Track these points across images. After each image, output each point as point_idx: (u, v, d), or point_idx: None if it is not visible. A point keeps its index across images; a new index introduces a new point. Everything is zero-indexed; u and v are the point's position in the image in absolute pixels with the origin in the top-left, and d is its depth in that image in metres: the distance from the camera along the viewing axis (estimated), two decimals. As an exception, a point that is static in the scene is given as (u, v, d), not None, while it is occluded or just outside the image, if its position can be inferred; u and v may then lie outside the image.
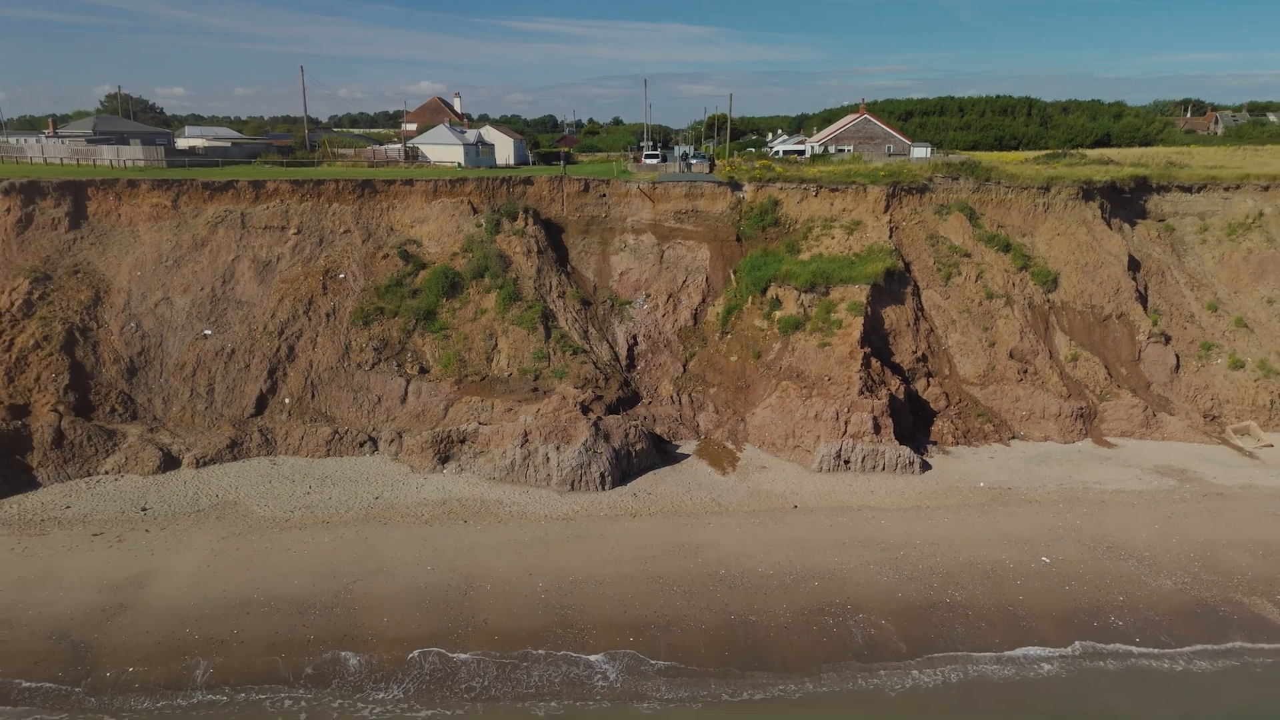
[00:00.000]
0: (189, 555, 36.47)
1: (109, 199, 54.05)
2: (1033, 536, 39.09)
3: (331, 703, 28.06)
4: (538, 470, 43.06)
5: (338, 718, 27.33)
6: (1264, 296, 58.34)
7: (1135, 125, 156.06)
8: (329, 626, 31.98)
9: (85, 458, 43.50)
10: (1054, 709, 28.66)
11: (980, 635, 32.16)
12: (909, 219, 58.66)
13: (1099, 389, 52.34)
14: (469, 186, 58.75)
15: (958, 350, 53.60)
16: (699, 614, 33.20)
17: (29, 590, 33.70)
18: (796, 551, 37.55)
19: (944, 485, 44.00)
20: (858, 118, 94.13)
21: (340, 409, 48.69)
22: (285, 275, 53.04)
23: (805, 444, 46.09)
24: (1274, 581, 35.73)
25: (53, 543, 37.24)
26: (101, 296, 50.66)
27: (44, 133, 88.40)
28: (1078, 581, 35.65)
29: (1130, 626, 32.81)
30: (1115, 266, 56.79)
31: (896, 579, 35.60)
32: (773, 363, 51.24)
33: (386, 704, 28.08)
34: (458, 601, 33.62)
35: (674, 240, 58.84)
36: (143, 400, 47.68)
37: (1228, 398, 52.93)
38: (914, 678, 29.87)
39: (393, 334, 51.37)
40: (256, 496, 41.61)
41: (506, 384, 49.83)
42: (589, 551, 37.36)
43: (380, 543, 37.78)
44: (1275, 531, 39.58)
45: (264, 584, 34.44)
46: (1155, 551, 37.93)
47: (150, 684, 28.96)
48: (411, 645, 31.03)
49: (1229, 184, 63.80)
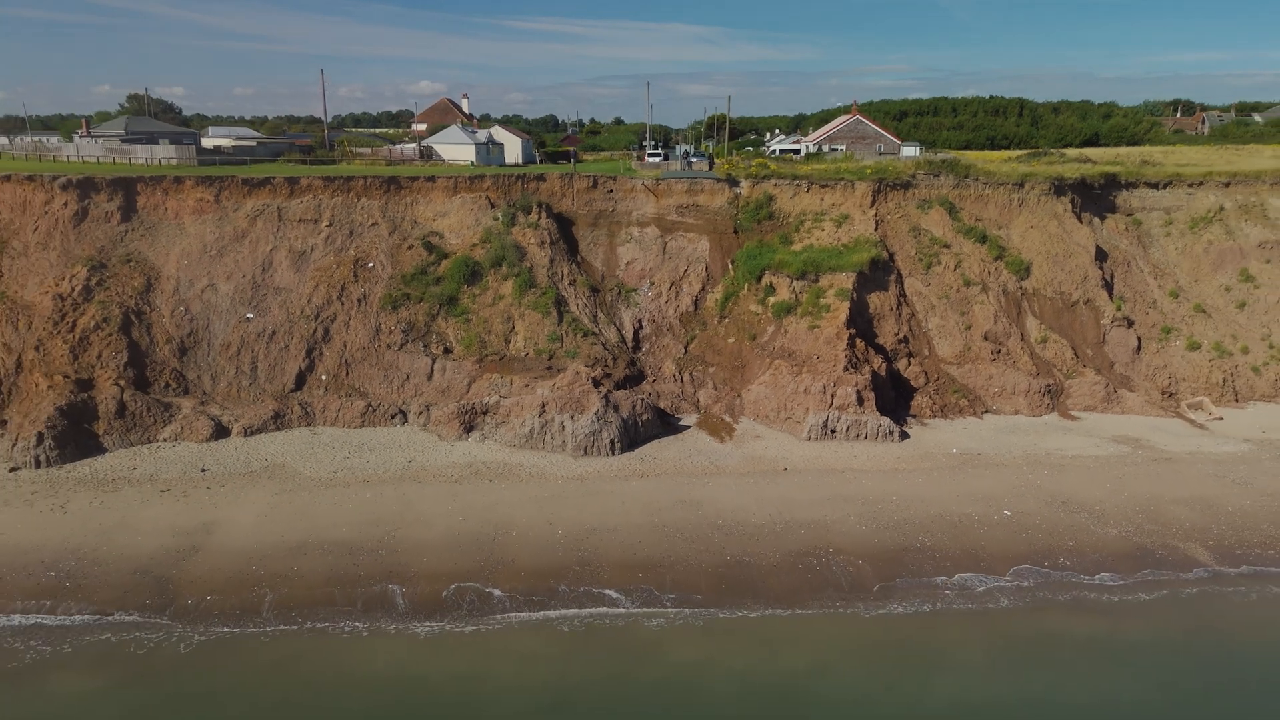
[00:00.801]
0: (248, 507, 41.20)
1: (157, 194, 58.72)
2: (997, 494, 43.82)
3: (388, 626, 32.73)
4: (554, 437, 47.79)
5: (395, 635, 32.01)
6: (1222, 284, 63.07)
7: (1123, 125, 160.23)
8: (376, 565, 36.67)
9: (145, 426, 48.23)
10: (1007, 630, 33.31)
11: (945, 573, 36.86)
12: (893, 213, 63.35)
13: (1066, 368, 57.08)
14: (486, 183, 63.45)
15: (936, 332, 58.32)
16: (699, 556, 37.91)
17: (111, 536, 38.41)
18: (785, 506, 42.28)
19: (920, 451, 48.76)
20: (850, 118, 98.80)
21: (372, 385, 53.38)
22: (319, 264, 57.71)
23: (795, 415, 50.82)
24: (1208, 530, 40.47)
25: (125, 498, 41.95)
26: (152, 283, 55.35)
27: (77, 133, 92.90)
28: (1034, 530, 40.38)
29: (1077, 565, 37.55)
30: (1083, 257, 61.49)
31: (873, 528, 40.32)
32: (767, 344, 55.95)
33: (434, 624, 32.75)
34: (488, 545, 38.31)
35: (676, 232, 63.53)
36: (193, 376, 52.39)
37: (1184, 376, 57.66)
38: (886, 605, 34.59)
39: (419, 318, 56.04)
40: (302, 460, 46.35)
41: (523, 363, 54.52)
42: (602, 506, 42.07)
43: (416, 498, 42.50)
44: (1213, 490, 44.32)
45: (316, 531, 39.16)
46: (1105, 506, 42.66)
47: (225, 611, 33.62)
48: (450, 580, 35.72)
49: (1193, 181, 68.54)
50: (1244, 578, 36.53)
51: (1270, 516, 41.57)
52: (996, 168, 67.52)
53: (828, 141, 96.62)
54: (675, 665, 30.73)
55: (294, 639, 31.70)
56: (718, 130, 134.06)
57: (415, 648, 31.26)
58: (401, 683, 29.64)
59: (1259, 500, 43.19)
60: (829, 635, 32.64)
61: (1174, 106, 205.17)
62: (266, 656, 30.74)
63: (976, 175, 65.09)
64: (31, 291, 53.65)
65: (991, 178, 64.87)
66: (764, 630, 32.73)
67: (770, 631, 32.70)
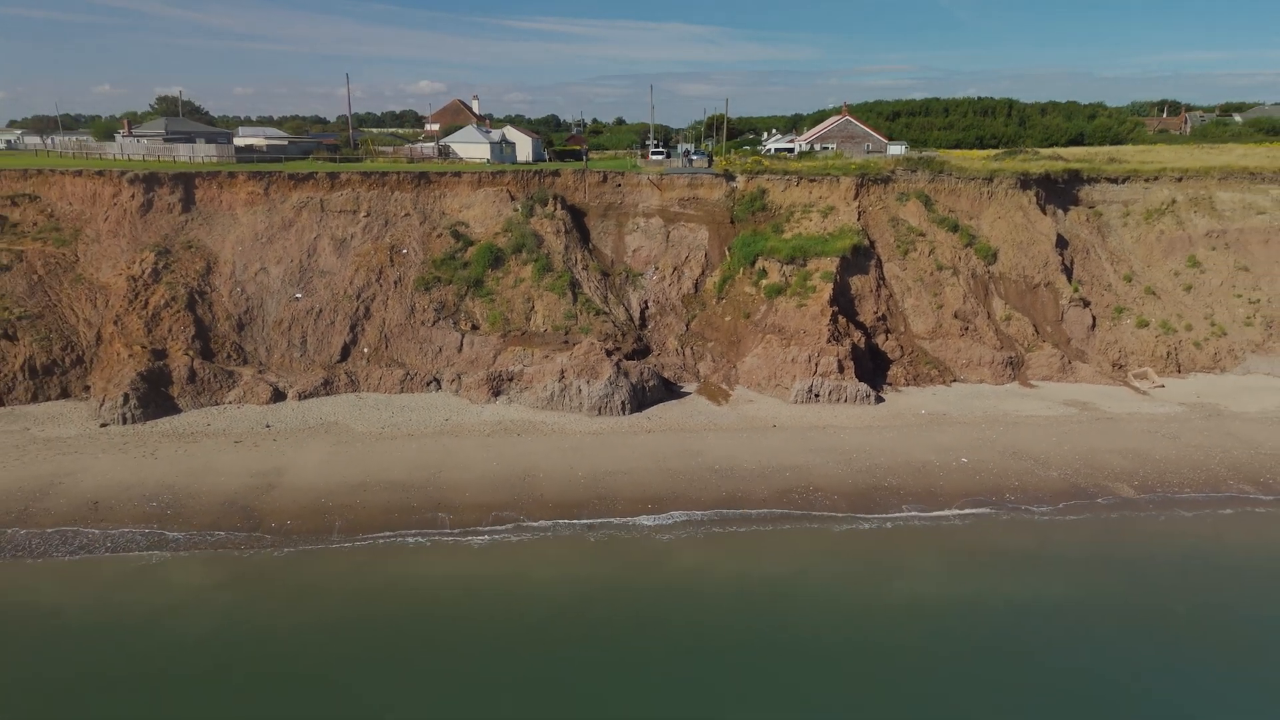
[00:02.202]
0: (311, 455, 47.91)
1: (212, 188, 65.41)
2: (957, 445, 50.53)
3: (444, 539, 39.46)
4: (572, 399, 54.51)
5: (453, 544, 38.76)
6: (1171, 270, 69.79)
7: (1107, 125, 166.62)
8: (425, 499, 43.36)
9: (213, 390, 54.96)
10: (953, 541, 40.02)
11: (906, 503, 43.57)
12: (874, 204, 70.04)
13: (1027, 343, 63.80)
14: (507, 178, 70.16)
15: (911, 311, 65.02)
16: (699, 493, 44.60)
17: (198, 476, 45.11)
18: (773, 455, 48.98)
19: (893, 412, 55.50)
20: (840, 119, 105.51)
21: (409, 356, 60.09)
22: (358, 250, 64.40)
23: (784, 382, 57.55)
24: (1135, 473, 47.18)
25: (205, 448, 48.67)
26: (211, 267, 62.05)
27: (120, 132, 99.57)
28: (986, 473, 47.10)
29: (1020, 499, 44.27)
30: (1045, 244, 68.20)
31: (848, 471, 47.03)
32: (759, 321, 62.65)
33: (483, 537, 39.47)
34: (519, 484, 45.01)
35: (678, 222, 70.22)
36: (251, 349, 59.10)
37: (1133, 350, 64.37)
38: (854, 524, 41.32)
39: (448, 298, 62.72)
40: (352, 418, 53.08)
41: (542, 337, 61.22)
42: (615, 454, 48.75)
43: (454, 448, 49.21)
44: (1145, 443, 51.05)
45: (372, 473, 45.86)
46: (1049, 455, 49.38)
47: (304, 532, 40.28)
48: (489, 510, 42.40)
49: (1149, 176, 75.28)
50: (1154, 504, 43.40)
51: (1190, 462, 48.33)
52: (968, 164, 74.21)
53: (819, 141, 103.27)
54: (680, 568, 37.45)
55: (366, 550, 38.45)
56: (717, 130, 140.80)
57: (469, 554, 38.03)
58: (459, 579, 36.34)
59: (1183, 450, 49.94)
60: (806, 546, 39.39)
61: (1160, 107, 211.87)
62: (345, 561, 37.49)
63: (950, 171, 71.78)
64: (106, 274, 60.38)
65: (963, 173, 71.56)
66: (752, 542, 39.50)
67: (758, 543, 39.46)
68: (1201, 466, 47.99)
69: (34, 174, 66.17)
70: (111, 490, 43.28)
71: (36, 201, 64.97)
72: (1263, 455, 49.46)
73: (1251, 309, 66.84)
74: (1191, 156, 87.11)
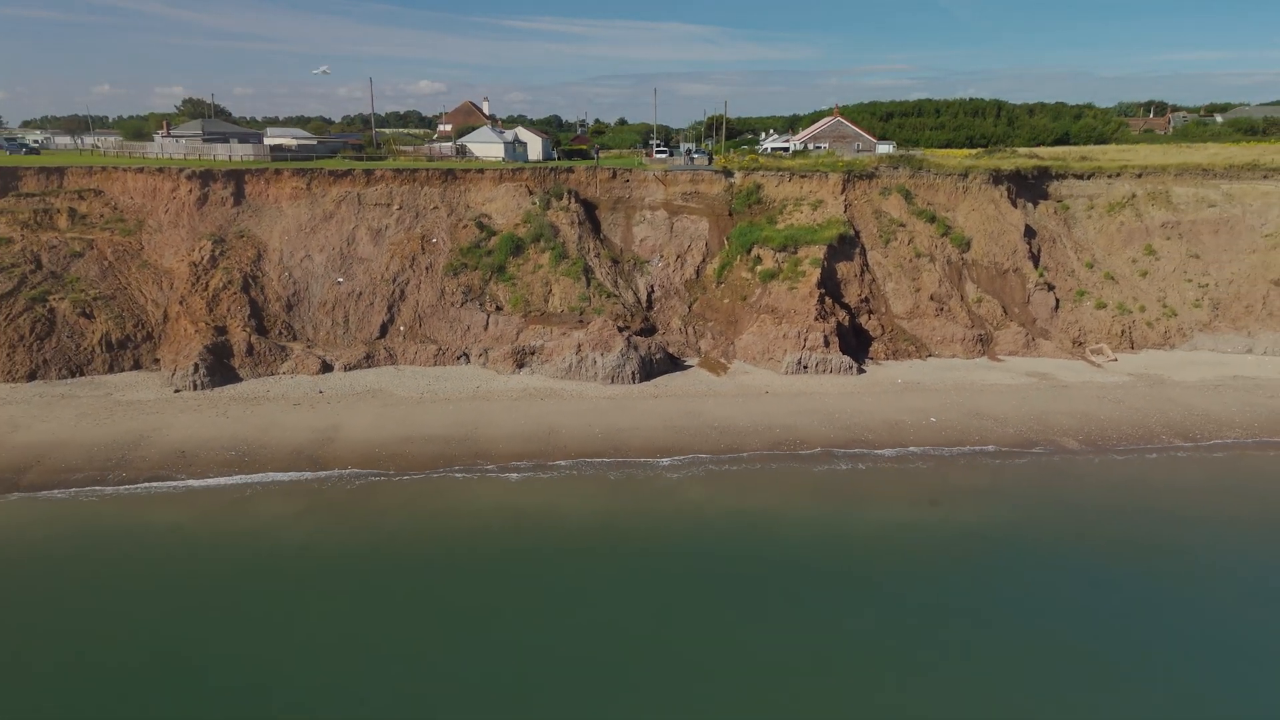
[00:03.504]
0: (362, 416, 54.87)
1: (260, 183, 72.34)
2: (928, 408, 57.49)
3: (486, 475, 46.45)
4: (588, 369, 61.47)
5: (494, 479, 45.76)
6: (1129, 257, 76.79)
7: (1092, 125, 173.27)
8: (465, 449, 50.30)
9: (269, 363, 61.92)
10: (915, 477, 46.99)
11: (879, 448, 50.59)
12: (860, 198, 77.00)
13: (996, 322, 70.78)
14: (525, 174, 77.11)
15: (892, 294, 72.00)
16: (701, 445, 51.51)
17: (266, 431, 52.06)
18: (766, 415, 55.94)
19: (872, 381, 62.50)
20: (832, 120, 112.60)
21: (440, 334, 67.04)
22: (393, 239, 71.34)
23: (776, 356, 64.52)
24: (1080, 429, 54.14)
25: (268, 410, 55.62)
26: (261, 254, 68.99)
27: (159, 133, 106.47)
28: (950, 430, 54.06)
29: (977, 447, 51.22)
30: (1014, 234, 75.16)
31: (831, 428, 54.00)
32: (754, 302, 69.60)
33: (519, 474, 46.47)
34: (545, 438, 51.95)
35: (681, 215, 77.17)
36: (299, 327, 66.06)
37: (1092, 329, 71.37)
38: (832, 465, 48.31)
39: (475, 282, 69.65)
40: (394, 386, 60.04)
41: (559, 317, 68.16)
42: (627, 415, 55.70)
43: (486, 410, 56.16)
44: (1093, 406, 58.02)
45: (416, 429, 52.81)
46: (1008, 415, 56.36)
47: (362, 473, 47.25)
48: (521, 457, 49.35)
49: (1112, 172, 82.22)
50: (1092, 452, 50.39)
51: (1128, 421, 55.34)
52: (945, 161, 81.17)
53: (813, 140, 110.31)
54: (686, 497, 44.47)
55: (421, 483, 45.50)
56: (716, 130, 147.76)
57: (507, 487, 45.11)
58: (500, 505, 43.29)
59: (1125, 412, 56.93)
60: (791, 481, 46.42)
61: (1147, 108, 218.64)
62: (405, 492, 44.52)
63: (928, 168, 78.74)
64: (169, 260, 67.35)
65: (941, 170, 78.52)
66: (747, 478, 46.56)
67: (751, 479, 46.52)
68: (1138, 424, 55.01)
69: (98, 171, 73.14)
70: (194, 442, 50.24)
71: (101, 196, 71.93)
72: (1194, 415, 56.46)
73: (1200, 292, 73.83)
74: (1153, 155, 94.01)
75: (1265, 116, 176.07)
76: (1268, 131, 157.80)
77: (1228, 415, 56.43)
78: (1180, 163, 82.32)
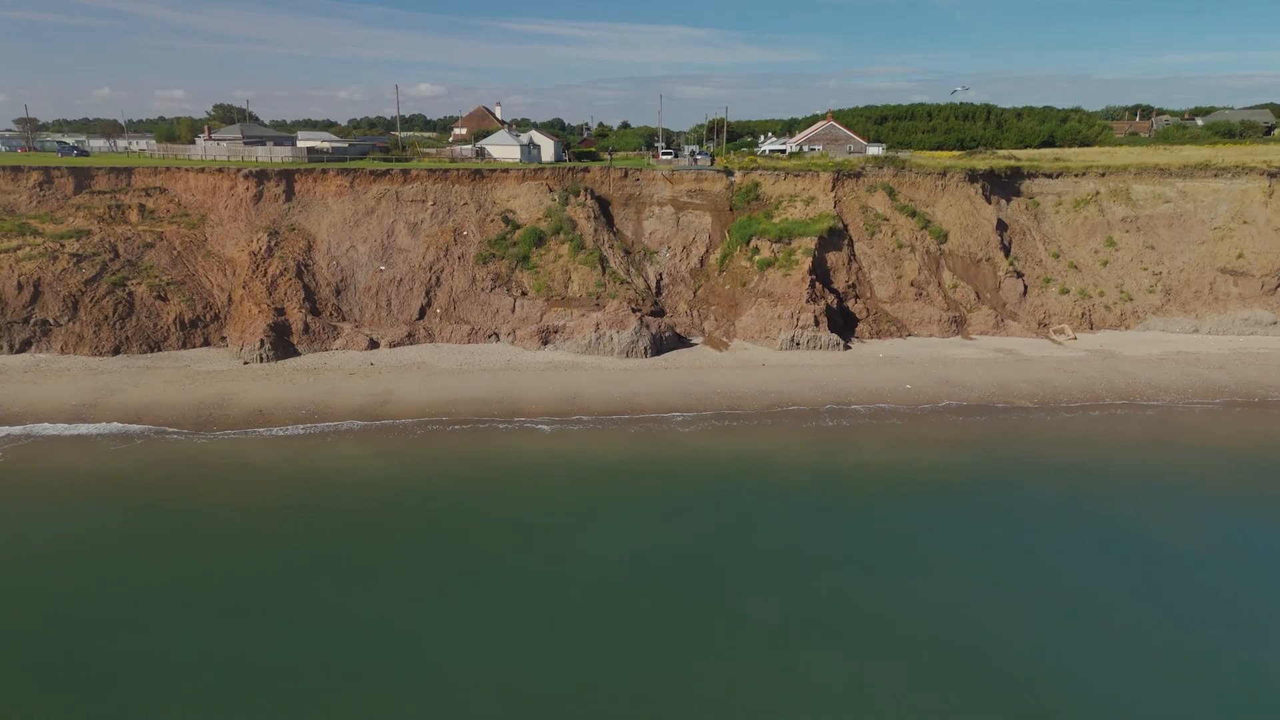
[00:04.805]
0: (410, 383, 62.91)
1: (308, 181, 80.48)
2: (904, 377, 65.55)
3: (523, 427, 54.51)
4: (606, 345, 69.54)
5: (530, 430, 53.82)
6: (1092, 248, 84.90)
7: (1077, 129, 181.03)
8: (503, 408, 58.34)
9: (323, 340, 70.02)
10: (892, 430, 55.03)
11: (856, 404, 58.68)
12: (848, 195, 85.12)
13: (969, 306, 78.88)
14: (546, 173, 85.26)
15: (876, 280, 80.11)
16: (706, 405, 59.56)
17: (329, 395, 60.10)
18: (762, 383, 64.00)
19: (857, 355, 70.58)
20: (825, 124, 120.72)
21: (472, 316, 75.12)
22: (428, 232, 79.43)
23: (771, 334, 72.60)
24: (1035, 394, 62.19)
25: (329, 378, 63.68)
26: (311, 245, 77.10)
27: (200, 137, 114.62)
28: (922, 396, 62.12)
29: (947, 408, 59.27)
30: (987, 227, 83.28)
31: (819, 393, 62.05)
32: (753, 288, 77.68)
33: (552, 426, 54.53)
34: (570, 400, 60.02)
35: (686, 210, 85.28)
36: (347, 309, 74.14)
37: (1056, 312, 79.46)
38: (819, 421, 56.37)
39: (502, 270, 77.73)
40: (434, 360, 68.12)
41: (579, 301, 76.23)
42: (641, 383, 63.74)
43: (518, 379, 64.23)
44: (1050, 375, 66.08)
45: (460, 393, 60.87)
46: (974, 383, 64.43)
47: (421, 422, 55.25)
48: (552, 414, 57.41)
49: (1078, 171, 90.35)
50: (1044, 410, 58.52)
51: (1079, 387, 63.42)
52: (926, 161, 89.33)
53: (807, 143, 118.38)
54: (695, 445, 52.50)
55: (469, 432, 53.63)
56: (717, 133, 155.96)
57: (541, 436, 53.20)
58: (537, 450, 51.34)
59: (1077, 380, 65.02)
60: (784, 433, 54.50)
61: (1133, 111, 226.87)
62: (456, 439, 52.61)
63: (911, 168, 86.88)
64: (230, 250, 75.47)
65: (921, 169, 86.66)
66: (746, 431, 54.63)
67: (750, 431, 54.57)
68: (1088, 390, 63.10)
69: (162, 171, 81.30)
70: (269, 403, 58.32)
71: (165, 193, 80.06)
72: (1137, 383, 64.56)
73: (1155, 279, 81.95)
74: (1116, 156, 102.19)
75: (1243, 120, 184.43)
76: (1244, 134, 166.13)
77: (1166, 382, 64.55)
78: (1139, 163, 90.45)
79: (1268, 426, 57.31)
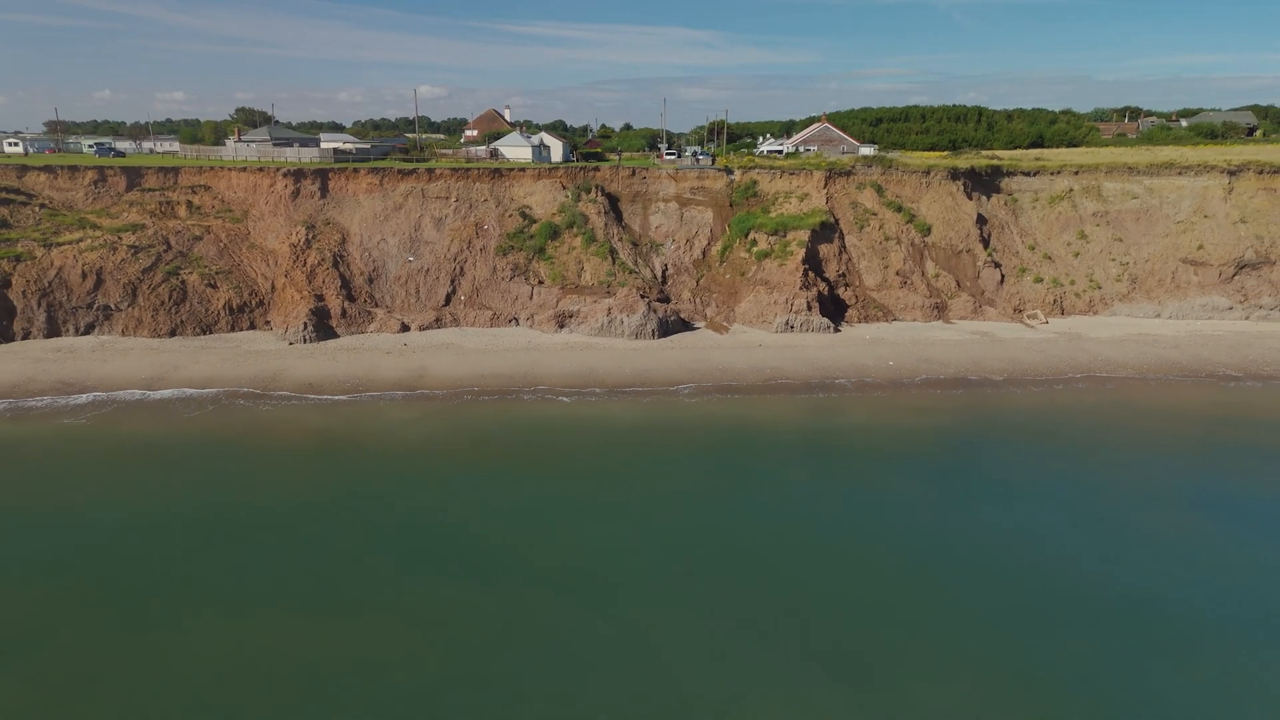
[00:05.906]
0: (441, 361, 69.68)
1: (341, 179, 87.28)
2: (888, 356, 72.31)
3: (545, 397, 61.28)
4: (617, 328, 76.32)
5: (551, 400, 60.60)
6: (1065, 241, 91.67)
7: (1065, 130, 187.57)
8: (527, 381, 65.10)
9: (359, 324, 76.81)
10: (874, 401, 61.80)
11: (842, 378, 65.44)
12: (839, 191, 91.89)
13: (950, 293, 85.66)
14: (559, 172, 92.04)
15: (865, 270, 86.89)
16: (708, 380, 66.32)
17: (370, 370, 66.88)
18: (759, 361, 70.76)
19: (846, 338, 77.37)
20: (820, 126, 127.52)
21: (494, 302, 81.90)
22: (451, 226, 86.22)
23: (768, 319, 79.39)
24: (1005, 370, 68.93)
25: (368, 356, 70.45)
26: (345, 238, 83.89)
27: (230, 138, 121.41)
28: (903, 372, 68.87)
29: (923, 382, 66.04)
30: (968, 221, 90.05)
31: (810, 369, 68.82)
32: (751, 277, 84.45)
33: (569, 398, 61.31)
34: (586, 375, 66.77)
35: (689, 206, 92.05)
36: (379, 296, 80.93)
37: (1030, 299, 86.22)
38: (809, 394, 63.15)
39: (520, 261, 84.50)
40: (462, 341, 74.92)
41: (591, 289, 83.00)
42: (649, 360, 70.51)
43: (538, 357, 71.01)
44: (1020, 354, 72.84)
45: (485, 369, 67.64)
46: (951, 360, 71.18)
47: (455, 392, 62.00)
48: (570, 386, 64.15)
49: (1054, 170, 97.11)
50: (1012, 384, 65.33)
51: (1047, 365, 70.17)
52: (912, 160, 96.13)
53: (803, 144, 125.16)
54: (698, 412, 59.27)
55: (497, 401, 60.40)
56: (717, 134, 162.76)
57: (561, 405, 60.00)
58: (557, 415, 58.11)
59: (1045, 358, 71.78)
60: (779, 404, 61.28)
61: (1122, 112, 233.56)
62: (485, 407, 59.37)
63: (898, 166, 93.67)
64: (272, 242, 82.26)
65: (907, 168, 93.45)
66: (744, 401, 61.42)
67: (748, 402, 61.36)
68: (1054, 367, 69.85)
69: (206, 170, 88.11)
70: (317, 376, 65.13)
71: (209, 190, 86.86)
72: (1100, 360, 71.33)
73: (1122, 269, 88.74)
74: (1090, 155, 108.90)
75: (1225, 121, 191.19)
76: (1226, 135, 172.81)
77: (1125, 360, 71.33)
78: (1110, 161, 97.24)
79: (1212, 396, 64.04)
